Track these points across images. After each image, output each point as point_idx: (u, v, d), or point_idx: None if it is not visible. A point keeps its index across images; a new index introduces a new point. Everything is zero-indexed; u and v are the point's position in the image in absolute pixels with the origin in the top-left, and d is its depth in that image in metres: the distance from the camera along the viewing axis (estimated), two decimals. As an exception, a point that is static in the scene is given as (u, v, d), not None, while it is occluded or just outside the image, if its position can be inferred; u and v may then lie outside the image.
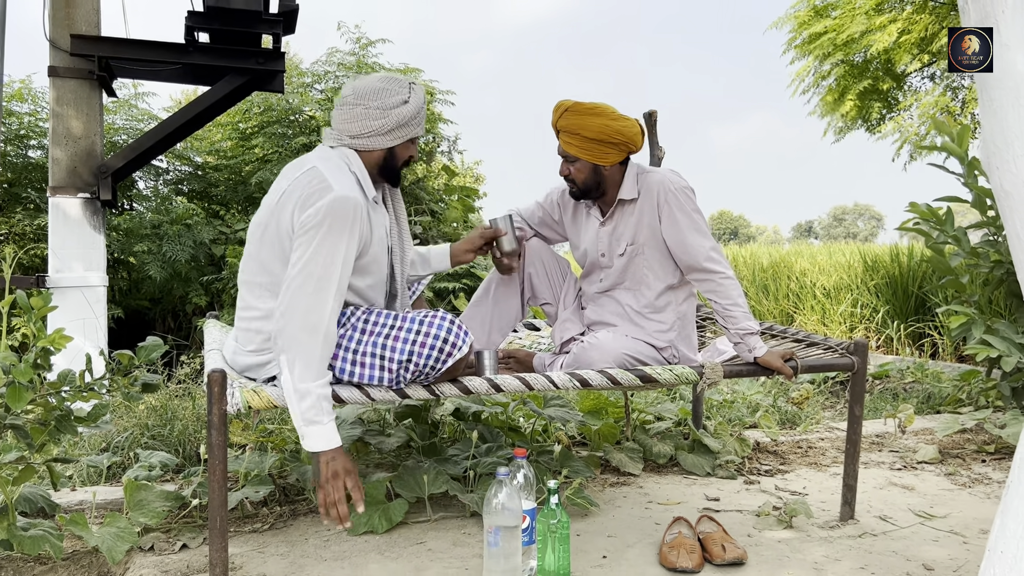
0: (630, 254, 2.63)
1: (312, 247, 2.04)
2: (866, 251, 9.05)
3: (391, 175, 2.34)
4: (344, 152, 2.26)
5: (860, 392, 2.64)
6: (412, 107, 2.26)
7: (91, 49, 4.49)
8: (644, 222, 2.60)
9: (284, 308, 2.03)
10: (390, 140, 2.27)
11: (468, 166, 13.43)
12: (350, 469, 2.05)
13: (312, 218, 2.06)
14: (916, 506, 2.87)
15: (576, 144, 2.53)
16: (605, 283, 2.72)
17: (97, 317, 4.44)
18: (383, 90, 2.23)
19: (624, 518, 2.69)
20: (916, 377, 5.34)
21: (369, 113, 2.23)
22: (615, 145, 2.52)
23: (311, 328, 2.01)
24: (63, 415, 2.02)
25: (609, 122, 2.51)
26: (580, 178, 2.59)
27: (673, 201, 2.54)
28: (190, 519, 2.60)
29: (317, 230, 2.04)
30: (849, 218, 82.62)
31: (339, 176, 2.13)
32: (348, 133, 2.26)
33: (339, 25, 7.80)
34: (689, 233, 2.54)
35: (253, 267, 2.23)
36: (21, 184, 6.12)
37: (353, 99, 2.24)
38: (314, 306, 2.02)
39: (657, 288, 2.64)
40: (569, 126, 2.52)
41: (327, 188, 2.08)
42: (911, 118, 9.63)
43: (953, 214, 4.02)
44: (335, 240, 2.06)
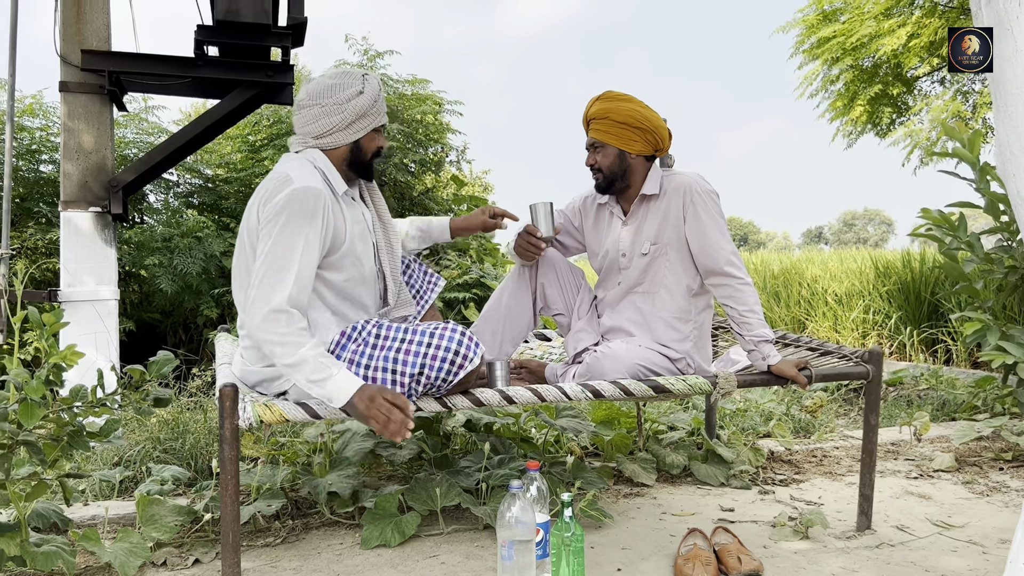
0: (653, 254, 2.63)
1: (272, 239, 2.07)
2: (878, 257, 8.99)
3: (362, 168, 2.35)
4: (308, 152, 2.28)
5: (875, 401, 2.61)
6: (368, 96, 2.27)
7: (102, 64, 4.51)
8: (669, 222, 2.61)
9: (247, 302, 2.07)
10: (353, 133, 2.28)
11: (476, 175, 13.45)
12: (379, 389, 2.03)
13: (271, 210, 2.09)
14: (934, 515, 2.84)
15: (604, 129, 2.58)
16: (623, 285, 2.71)
17: (108, 331, 4.45)
18: (336, 85, 2.24)
19: (638, 530, 2.66)
20: (930, 384, 5.29)
21: (326, 111, 2.24)
22: (642, 131, 2.57)
23: (274, 316, 2.02)
24: (75, 431, 2.02)
25: (638, 108, 2.58)
26: (606, 164, 2.62)
27: (699, 202, 2.56)
28: (202, 533, 2.59)
29: (276, 221, 2.07)
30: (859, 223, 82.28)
31: (301, 171, 2.16)
32: (311, 135, 2.27)
33: (347, 37, 7.84)
34: (712, 235, 2.55)
35: (241, 283, 2.26)
36: (33, 199, 6.15)
37: (308, 100, 2.25)
38: (269, 287, 2.04)
39: (676, 293, 2.63)
40: (599, 112, 2.59)
41: (287, 181, 2.11)
42: (921, 123, 9.58)
43: (966, 219, 4.00)
44: (294, 229, 2.07)
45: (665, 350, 2.58)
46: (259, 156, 7.35)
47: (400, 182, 7.51)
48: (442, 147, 8.15)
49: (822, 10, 9.45)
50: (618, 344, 2.54)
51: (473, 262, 6.71)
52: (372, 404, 2.00)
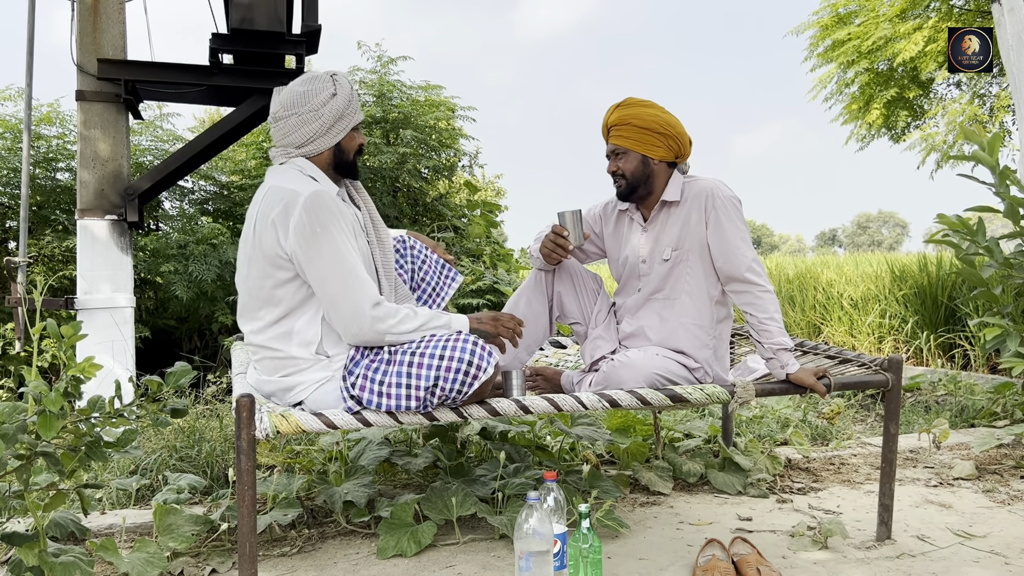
0: (674, 260, 2.62)
1: (320, 254, 2.11)
2: (893, 261, 8.93)
3: (346, 168, 2.37)
4: (294, 162, 2.29)
5: (895, 410, 2.59)
6: (342, 98, 2.27)
7: (118, 73, 4.55)
8: (690, 228, 2.60)
9: (338, 317, 2.14)
10: (333, 137, 2.29)
11: (489, 180, 13.46)
12: (485, 314, 2.35)
13: (300, 231, 2.11)
14: (954, 525, 2.81)
15: (626, 134, 2.59)
16: (643, 292, 2.70)
17: (125, 338, 4.47)
18: (307, 92, 2.25)
19: (655, 540, 2.65)
20: (949, 390, 5.24)
21: (303, 119, 2.25)
22: (664, 137, 2.58)
23: (377, 314, 2.13)
24: (93, 441, 2.02)
25: (660, 113, 2.59)
26: (628, 169, 2.62)
27: (721, 208, 2.55)
28: (219, 543, 2.59)
29: (312, 237, 2.10)
30: (873, 226, 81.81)
31: (298, 182, 2.18)
32: (292, 144, 2.29)
33: (359, 44, 7.86)
34: (733, 242, 2.54)
35: (246, 300, 2.28)
36: (50, 206, 6.20)
37: (283, 112, 2.26)
38: (353, 293, 2.12)
39: (697, 300, 2.62)
40: (621, 118, 2.59)
41: (294, 194, 2.13)
42: (937, 126, 9.52)
43: (984, 224, 3.96)
44: (331, 232, 2.12)
45: (683, 358, 2.56)
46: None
47: (413, 188, 7.52)
48: (455, 152, 8.16)
49: (836, 12, 9.41)
50: (635, 353, 2.53)
51: (487, 268, 6.71)
52: (493, 322, 2.33)
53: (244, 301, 2.29)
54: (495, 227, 7.43)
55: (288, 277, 2.19)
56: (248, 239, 2.23)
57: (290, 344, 2.22)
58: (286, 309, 2.21)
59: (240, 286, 2.31)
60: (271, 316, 2.22)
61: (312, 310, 2.22)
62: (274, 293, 2.20)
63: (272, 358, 2.25)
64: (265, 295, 2.21)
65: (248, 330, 2.28)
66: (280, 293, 2.20)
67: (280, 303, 2.20)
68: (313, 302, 2.22)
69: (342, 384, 2.19)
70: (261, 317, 2.23)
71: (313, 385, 2.21)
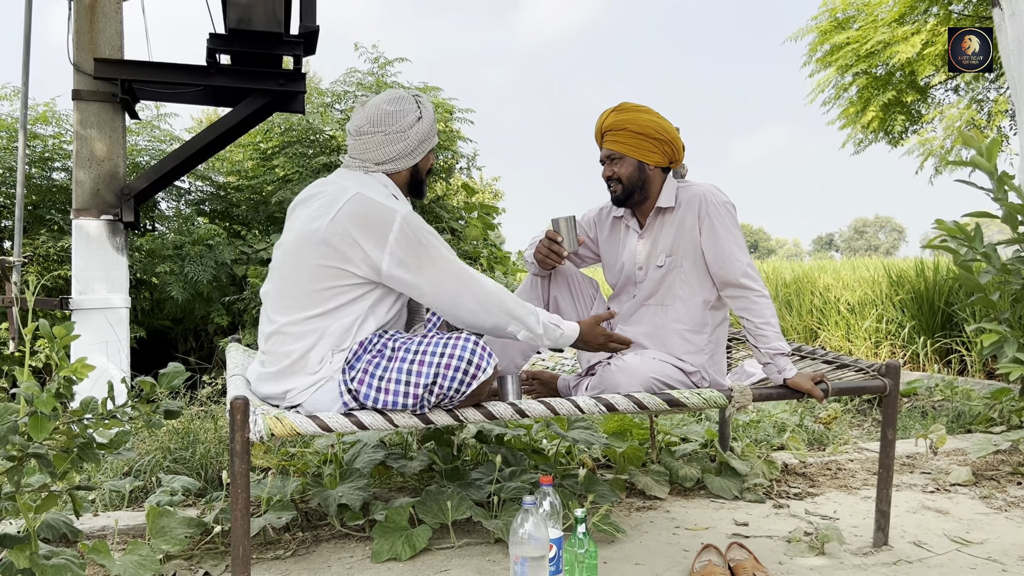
0: (668, 266, 2.61)
1: (431, 263, 2.18)
2: (890, 266, 8.93)
3: (418, 189, 2.41)
4: (377, 176, 2.30)
5: (892, 415, 2.58)
6: (427, 121, 2.31)
7: (114, 72, 4.52)
8: (684, 233, 2.59)
9: (465, 311, 2.21)
10: (414, 158, 2.33)
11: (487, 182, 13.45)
12: (597, 339, 2.42)
13: (405, 247, 2.15)
14: (951, 531, 2.80)
15: (622, 140, 2.58)
16: (638, 298, 2.69)
17: (120, 339, 4.44)
18: (396, 112, 2.27)
19: (651, 544, 2.63)
20: (945, 395, 5.24)
21: (390, 139, 2.26)
22: (660, 143, 2.57)
23: (488, 305, 2.21)
24: (86, 443, 2.00)
25: (655, 119, 2.59)
26: (625, 174, 2.61)
27: (715, 214, 2.54)
28: (212, 545, 2.57)
29: (421, 249, 2.16)
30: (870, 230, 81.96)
31: (388, 199, 2.21)
32: (373, 161, 2.29)
33: (356, 46, 7.85)
34: (728, 247, 2.53)
35: (287, 286, 2.23)
36: (45, 206, 6.17)
37: (370, 127, 2.26)
38: (474, 292, 2.20)
39: (691, 306, 2.60)
40: (616, 123, 2.58)
41: (390, 211, 2.16)
42: (935, 131, 9.52)
43: (982, 230, 3.95)
44: (434, 245, 2.20)
45: (679, 363, 2.55)
46: (270, 164, 7.36)
47: (411, 190, 7.50)
48: (452, 155, 8.14)
49: (835, 17, 9.42)
50: (632, 357, 2.51)
51: (484, 270, 6.69)
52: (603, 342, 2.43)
53: (286, 288, 2.23)
54: (492, 229, 7.42)
55: (346, 285, 2.18)
56: (315, 230, 2.17)
57: (315, 347, 2.19)
58: (327, 309, 2.19)
59: (283, 270, 2.25)
60: (309, 313, 2.19)
61: (351, 316, 2.21)
62: (319, 295, 2.18)
63: (285, 354, 2.21)
64: (311, 293, 2.19)
65: (279, 319, 2.24)
66: (327, 297, 2.18)
67: (322, 304, 2.19)
68: (356, 315, 2.21)
69: (341, 378, 2.17)
70: (298, 311, 2.20)
71: (311, 388, 2.19)
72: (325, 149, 7.27)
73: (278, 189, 7.01)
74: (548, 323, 2.31)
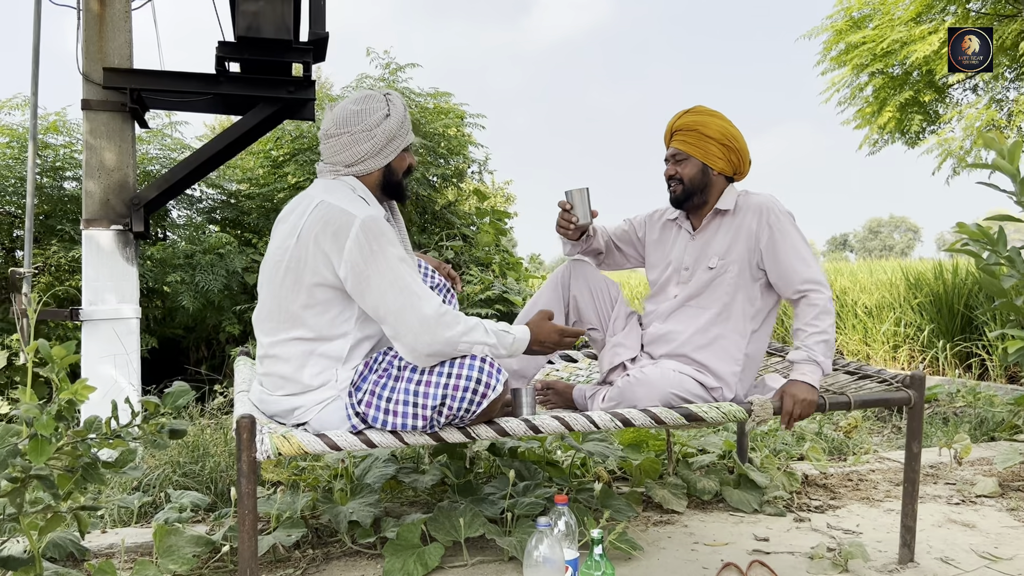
0: (719, 270, 2.58)
1: (379, 272, 2.05)
2: (908, 268, 8.81)
3: (395, 190, 2.31)
4: (345, 180, 2.23)
5: (918, 428, 2.50)
6: (395, 118, 2.22)
7: (123, 82, 4.50)
8: (741, 239, 2.56)
9: (406, 330, 2.05)
10: (384, 158, 2.24)
11: (499, 186, 13.41)
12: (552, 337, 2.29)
13: (356, 253, 2.04)
14: (979, 546, 2.72)
15: (691, 141, 2.57)
16: (679, 298, 2.65)
17: (131, 350, 4.41)
18: (362, 111, 2.19)
19: (670, 562, 2.56)
20: (968, 401, 5.14)
21: (356, 138, 2.19)
22: (728, 149, 2.57)
23: (431, 326, 2.05)
24: (90, 463, 1.96)
25: (728, 126, 2.58)
26: (688, 175, 2.59)
27: (775, 222, 2.53)
28: (221, 564, 2.53)
29: (370, 256, 2.04)
30: (885, 230, 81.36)
31: (352, 204, 2.11)
32: (342, 163, 2.23)
33: (368, 51, 7.82)
34: (790, 257, 2.51)
35: (271, 309, 2.18)
36: (56, 216, 6.16)
37: (335, 129, 2.20)
38: (417, 311, 2.05)
39: (732, 313, 2.57)
40: (688, 124, 2.59)
41: (348, 216, 2.06)
42: (953, 131, 9.38)
43: (1005, 233, 3.86)
44: (388, 253, 2.07)
45: (702, 376, 2.48)
46: (281, 171, 7.34)
47: (422, 196, 7.46)
48: (464, 159, 8.10)
49: (851, 16, 9.31)
50: (651, 369, 2.45)
51: (496, 277, 6.64)
52: (550, 340, 2.30)
53: (268, 309, 2.20)
54: (504, 235, 7.36)
55: (324, 300, 2.12)
56: (287, 248, 2.13)
57: (305, 367, 2.14)
58: (313, 333, 2.13)
59: (264, 291, 2.22)
60: (294, 334, 2.14)
61: (340, 340, 2.15)
62: (302, 314, 2.13)
63: (280, 376, 2.18)
64: (292, 314, 2.13)
65: (265, 340, 2.21)
66: (308, 315, 2.12)
67: (306, 325, 2.13)
68: (343, 331, 2.15)
69: (348, 400, 2.12)
70: (283, 332, 2.16)
71: (317, 406, 2.14)
72: (336, 156, 7.22)
73: (289, 197, 6.97)
74: (498, 331, 2.18)
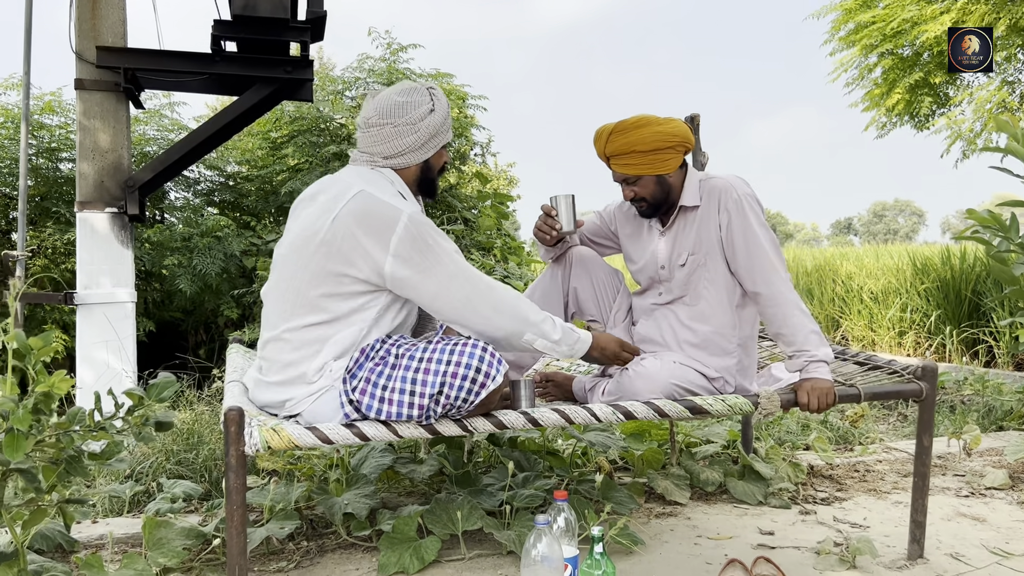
0: (691, 265, 2.45)
1: (438, 264, 2.03)
2: (915, 253, 8.71)
3: (429, 187, 2.27)
4: (383, 172, 2.18)
5: (929, 421, 2.43)
6: (440, 114, 2.18)
7: (117, 61, 4.41)
8: (710, 228, 2.43)
9: (477, 317, 2.07)
10: (424, 153, 2.20)
11: (502, 168, 13.29)
12: (611, 347, 2.28)
13: (410, 248, 2.01)
14: (989, 541, 2.65)
15: (634, 163, 2.39)
16: (664, 296, 2.55)
17: (124, 336, 4.35)
18: (407, 104, 2.14)
19: (672, 556, 2.50)
20: (976, 389, 5.06)
21: (399, 131, 2.14)
22: (672, 148, 2.39)
23: (503, 310, 2.08)
24: (73, 456, 1.89)
25: (658, 128, 2.37)
26: (648, 193, 2.44)
27: (734, 207, 2.38)
28: (214, 556, 2.47)
29: (427, 250, 2.02)
30: (890, 214, 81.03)
31: (392, 196, 2.08)
32: (381, 155, 2.17)
33: (370, 31, 7.70)
34: (749, 247, 2.38)
35: (287, 289, 2.10)
36: (52, 198, 6.08)
37: (379, 119, 2.14)
38: (487, 297, 2.07)
39: (719, 306, 2.45)
40: (620, 147, 2.38)
41: (394, 210, 2.02)
42: (963, 114, 9.23)
43: (1017, 220, 3.77)
44: (442, 246, 2.05)
45: (703, 367, 2.40)
46: (280, 153, 7.24)
47: (423, 178, 7.36)
48: (466, 139, 7.99)
49: (862, -5, 9.14)
50: (651, 362, 2.37)
51: (497, 261, 6.56)
52: (614, 358, 2.30)
53: (282, 291, 2.12)
54: (506, 219, 7.27)
55: (349, 292, 2.05)
56: (318, 228, 2.05)
57: (314, 357, 2.07)
58: (330, 317, 2.07)
59: (283, 270, 2.13)
60: (309, 320, 2.07)
61: (356, 326, 2.08)
62: (321, 301, 2.06)
63: (283, 362, 2.10)
64: (310, 300, 2.06)
65: (277, 323, 2.13)
66: (329, 303, 2.06)
67: (324, 311, 2.06)
68: (357, 317, 2.08)
69: (342, 388, 2.05)
70: (297, 317, 2.08)
71: (310, 398, 2.07)
72: (335, 138, 7.13)
73: (288, 179, 6.88)
74: (565, 328, 2.18)
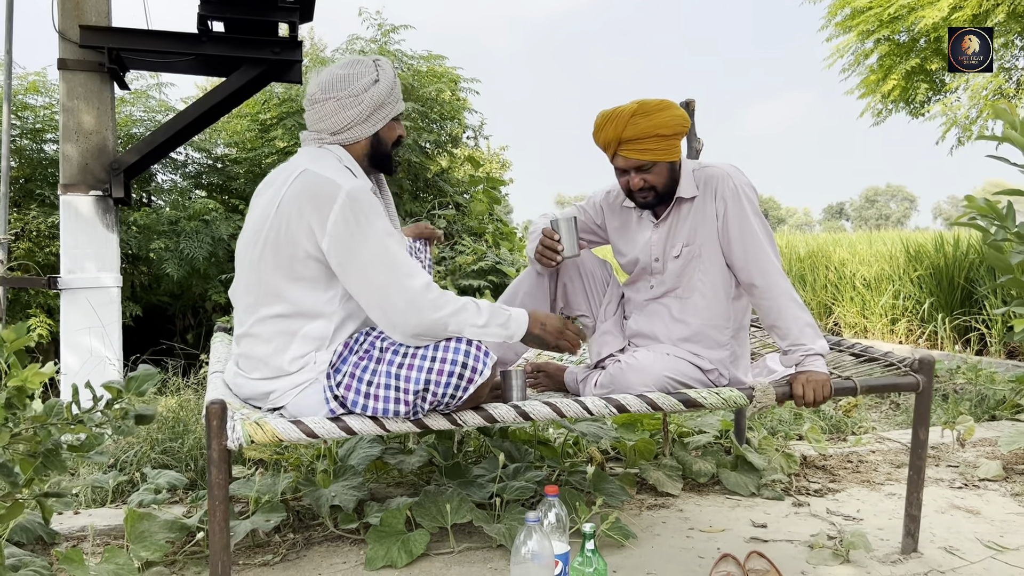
0: (686, 257, 2.38)
1: (363, 246, 1.93)
2: (908, 240, 8.68)
3: (382, 161, 2.19)
4: (330, 149, 2.10)
5: (925, 414, 2.39)
6: (384, 84, 2.10)
7: (101, 40, 4.31)
8: (702, 221, 2.35)
9: (392, 310, 1.94)
10: (372, 126, 2.12)
11: (494, 152, 13.19)
12: (552, 321, 2.16)
13: (341, 225, 1.91)
14: (984, 534, 2.62)
15: (652, 147, 2.25)
16: (656, 290, 2.48)
17: (109, 322, 4.28)
18: (349, 76, 2.07)
19: (664, 549, 2.47)
20: (968, 378, 5.04)
21: (342, 104, 2.06)
22: (681, 136, 2.30)
23: (419, 304, 1.94)
24: (51, 449, 1.84)
25: (676, 112, 2.27)
26: (660, 182, 2.32)
27: (730, 196, 2.31)
28: (198, 548, 2.42)
29: (356, 229, 1.92)
30: (882, 199, 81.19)
31: (337, 173, 1.99)
32: (328, 131, 2.10)
33: (360, 11, 7.59)
34: (745, 237, 2.31)
35: (249, 283, 2.05)
36: (36, 180, 5.97)
37: (321, 94, 2.08)
38: (405, 287, 1.94)
39: (712, 298, 2.39)
40: (643, 130, 2.23)
41: (333, 186, 1.93)
42: (959, 100, 9.17)
43: (1014, 209, 3.73)
44: (373, 228, 1.94)
45: (696, 359, 2.36)
46: (269, 136, 7.15)
47: (414, 163, 7.28)
48: (458, 122, 7.91)
49: (858, -21, 9.05)
50: (644, 353, 2.32)
51: (489, 247, 6.49)
52: (557, 336, 2.17)
53: (246, 283, 2.06)
54: (498, 203, 7.20)
55: (307, 275, 1.98)
56: (266, 217, 2.00)
57: (285, 350, 2.01)
58: (294, 308, 2.00)
59: (242, 263, 2.08)
60: (275, 310, 2.01)
61: (323, 320, 2.02)
62: (283, 288, 1.99)
63: (257, 358, 2.05)
64: (272, 287, 2.00)
65: (245, 318, 2.07)
66: (290, 290, 1.99)
67: (287, 300, 2.00)
68: (326, 310, 2.02)
69: (326, 383, 2.00)
70: (263, 307, 2.02)
71: (294, 390, 2.02)
72: (326, 120, 7.03)
73: (277, 161, 6.79)
74: (493, 308, 2.05)
